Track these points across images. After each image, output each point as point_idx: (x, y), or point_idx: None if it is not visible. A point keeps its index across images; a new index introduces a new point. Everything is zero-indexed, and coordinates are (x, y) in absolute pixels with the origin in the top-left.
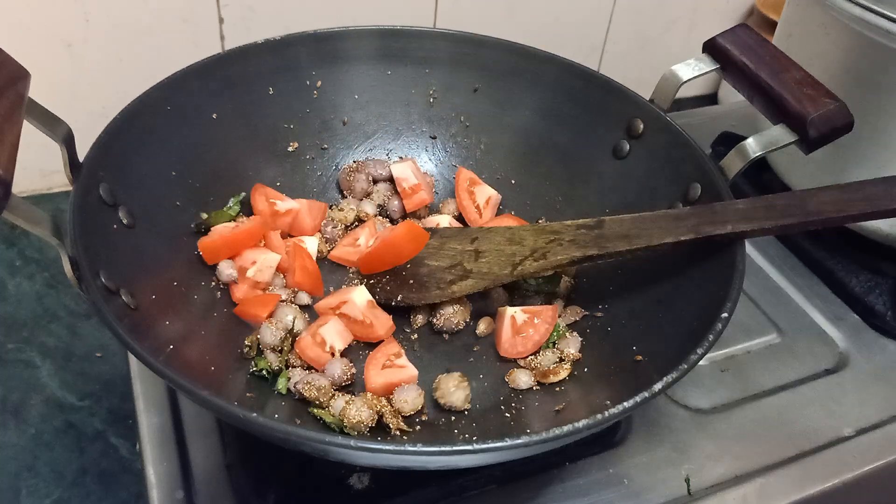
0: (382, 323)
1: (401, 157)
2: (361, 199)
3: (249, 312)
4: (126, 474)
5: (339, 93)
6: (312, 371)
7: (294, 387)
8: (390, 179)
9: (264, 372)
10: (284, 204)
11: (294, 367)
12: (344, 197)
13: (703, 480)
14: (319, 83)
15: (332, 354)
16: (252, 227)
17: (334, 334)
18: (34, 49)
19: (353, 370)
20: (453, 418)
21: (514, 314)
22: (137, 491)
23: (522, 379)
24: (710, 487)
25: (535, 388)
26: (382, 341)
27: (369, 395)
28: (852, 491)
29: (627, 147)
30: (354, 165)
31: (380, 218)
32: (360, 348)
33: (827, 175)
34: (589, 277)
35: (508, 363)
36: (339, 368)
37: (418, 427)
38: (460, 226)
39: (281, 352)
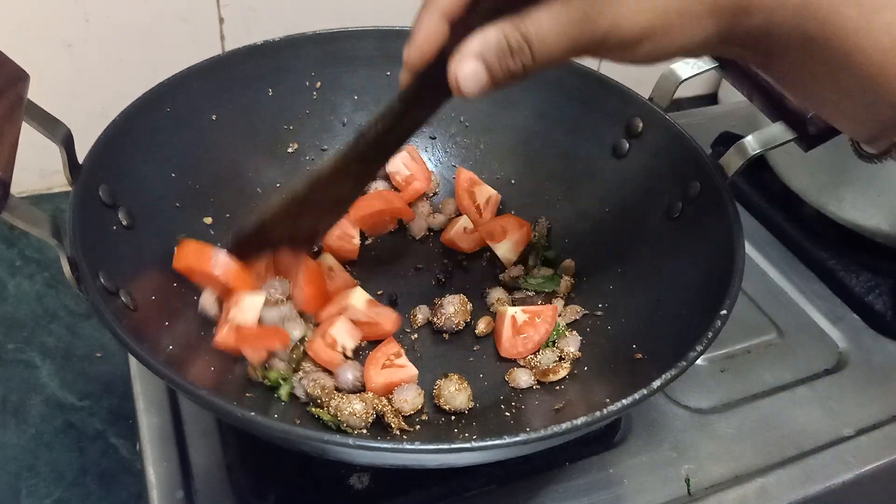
0: (388, 317)
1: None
2: None
3: (250, 352)
4: (126, 474)
5: (338, 94)
6: (319, 370)
7: (299, 382)
8: (388, 178)
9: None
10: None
11: (306, 371)
12: None
13: (703, 480)
14: (319, 84)
15: (345, 354)
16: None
17: (344, 333)
18: (34, 49)
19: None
20: (453, 418)
21: (514, 314)
22: (137, 491)
23: (523, 378)
24: (710, 487)
25: (535, 387)
26: (383, 340)
27: (370, 394)
28: (852, 491)
29: (627, 146)
30: None
31: None
32: (362, 349)
33: (826, 174)
34: (589, 277)
35: (508, 362)
36: (351, 375)
37: (418, 427)
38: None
39: (290, 362)
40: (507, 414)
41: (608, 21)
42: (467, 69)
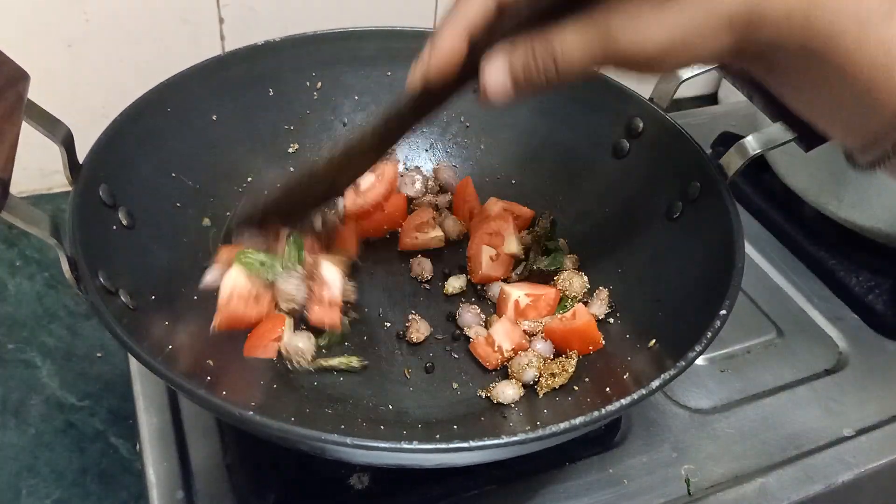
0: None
1: (404, 165)
2: None
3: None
4: (126, 474)
5: (339, 94)
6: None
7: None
8: None
9: None
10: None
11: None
12: None
13: (703, 480)
14: (319, 84)
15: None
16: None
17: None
18: (34, 49)
19: None
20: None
21: (517, 298)
22: (137, 491)
23: (508, 392)
24: (710, 487)
25: (537, 389)
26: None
27: None
28: (852, 491)
29: (627, 146)
30: None
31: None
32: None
33: (827, 174)
34: (588, 277)
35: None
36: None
37: (420, 426)
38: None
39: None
40: (504, 415)
41: (630, 39)
42: (496, 79)
